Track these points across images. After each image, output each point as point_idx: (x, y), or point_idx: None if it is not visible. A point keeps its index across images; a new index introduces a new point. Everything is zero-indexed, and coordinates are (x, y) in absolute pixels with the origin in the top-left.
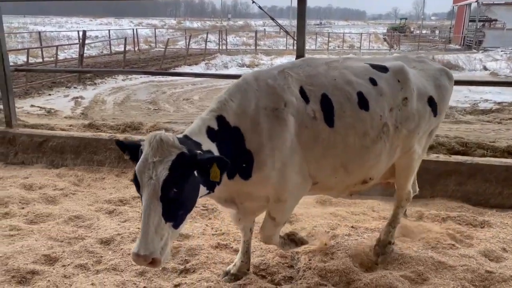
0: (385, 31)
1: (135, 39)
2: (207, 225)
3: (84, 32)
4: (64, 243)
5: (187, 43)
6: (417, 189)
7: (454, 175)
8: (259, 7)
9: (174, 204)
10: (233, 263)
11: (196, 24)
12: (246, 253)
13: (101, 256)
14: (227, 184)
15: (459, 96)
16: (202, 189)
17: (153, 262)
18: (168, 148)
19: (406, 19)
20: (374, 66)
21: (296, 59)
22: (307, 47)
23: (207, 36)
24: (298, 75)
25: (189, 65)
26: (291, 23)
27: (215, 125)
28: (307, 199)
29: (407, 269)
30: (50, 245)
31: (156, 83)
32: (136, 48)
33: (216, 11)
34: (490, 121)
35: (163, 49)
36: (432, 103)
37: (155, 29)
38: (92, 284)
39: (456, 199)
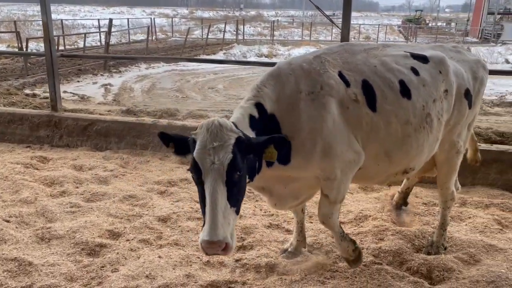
0: (399, 23)
1: (153, 29)
2: (255, 207)
3: (111, 20)
4: (124, 220)
5: (207, 33)
6: (459, 186)
7: (495, 164)
8: None
9: (237, 188)
10: (290, 242)
11: (208, 14)
12: (301, 232)
13: (161, 232)
14: (265, 172)
15: None
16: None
17: (226, 248)
18: (226, 132)
19: (421, 11)
20: (414, 56)
21: None
22: (321, 38)
23: (225, 26)
24: (336, 61)
25: (208, 54)
26: (304, 14)
27: (255, 113)
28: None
29: (459, 251)
30: (111, 221)
31: (179, 72)
32: (154, 37)
33: (227, 1)
34: None
35: (179, 39)
36: (468, 95)
37: (172, 18)
38: (159, 257)
39: (497, 187)
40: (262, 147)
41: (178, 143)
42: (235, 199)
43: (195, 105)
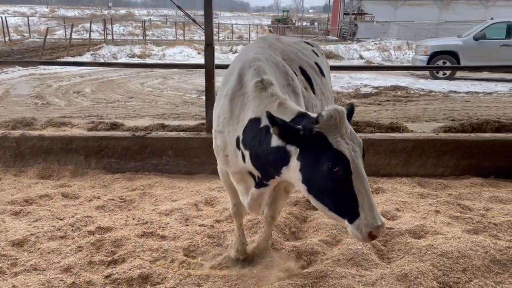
0: (269, 22)
1: (5, 28)
2: (128, 216)
3: None
4: None
5: (70, 33)
6: None
7: None
8: None
9: None
10: (235, 250)
11: (72, 13)
12: (243, 234)
13: (16, 258)
14: None
15: (342, 83)
16: None
17: None
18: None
19: (288, 11)
20: (305, 42)
21: (205, 47)
22: (196, 38)
23: (90, 25)
24: (276, 53)
25: (73, 56)
26: (177, 13)
27: None
28: None
29: (323, 234)
30: None
31: (38, 76)
32: (7, 38)
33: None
34: (371, 103)
35: (38, 39)
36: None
37: (28, 17)
38: (14, 286)
39: None
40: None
41: (283, 129)
42: None
43: (58, 112)
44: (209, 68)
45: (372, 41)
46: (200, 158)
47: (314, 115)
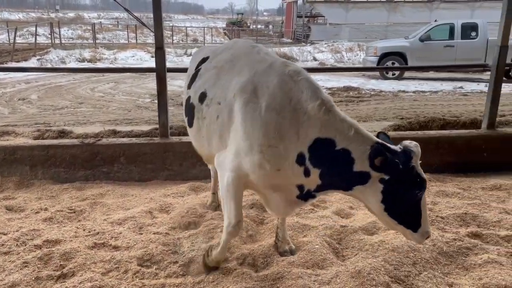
0: (224, 25)
1: None
2: (78, 228)
3: None
4: None
5: (14, 36)
6: None
7: None
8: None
9: None
10: (215, 262)
11: (16, 16)
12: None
13: None
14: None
15: None
16: None
17: None
18: None
19: (242, 14)
20: None
21: (156, 50)
22: (150, 41)
23: (36, 29)
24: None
25: (17, 61)
26: (129, 16)
27: None
28: (180, 187)
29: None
30: None
31: None
32: None
33: (40, 2)
34: None
35: None
36: None
37: None
38: None
39: None
40: None
41: (386, 163)
42: None
43: (1, 121)
44: (161, 72)
45: (325, 43)
46: (154, 164)
47: (393, 147)
